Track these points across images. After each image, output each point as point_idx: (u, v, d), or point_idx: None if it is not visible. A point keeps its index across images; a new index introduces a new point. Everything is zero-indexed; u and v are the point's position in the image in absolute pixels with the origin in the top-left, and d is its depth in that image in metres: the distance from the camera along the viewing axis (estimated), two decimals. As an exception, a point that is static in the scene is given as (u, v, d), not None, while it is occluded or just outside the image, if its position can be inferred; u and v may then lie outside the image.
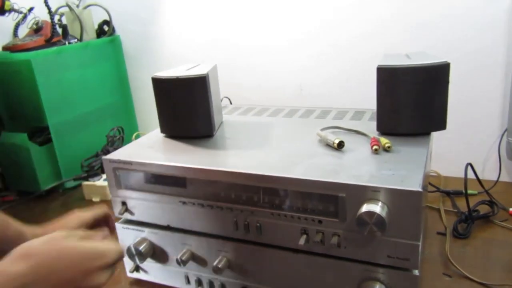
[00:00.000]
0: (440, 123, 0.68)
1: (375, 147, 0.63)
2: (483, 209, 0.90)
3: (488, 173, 1.06)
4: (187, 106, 0.74)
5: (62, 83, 1.17)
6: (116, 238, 0.75)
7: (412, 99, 0.67)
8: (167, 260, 0.73)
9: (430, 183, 1.00)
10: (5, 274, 0.46)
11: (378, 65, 0.68)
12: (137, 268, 0.77)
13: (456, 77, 0.67)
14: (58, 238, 0.52)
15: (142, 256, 0.72)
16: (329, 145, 0.67)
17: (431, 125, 0.68)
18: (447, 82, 0.67)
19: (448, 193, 0.99)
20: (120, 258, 0.56)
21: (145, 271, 0.77)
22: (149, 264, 0.75)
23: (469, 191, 0.87)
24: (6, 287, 0.45)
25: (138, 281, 0.79)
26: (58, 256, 0.50)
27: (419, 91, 0.66)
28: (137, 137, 1.21)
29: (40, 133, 1.17)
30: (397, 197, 0.52)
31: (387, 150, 0.63)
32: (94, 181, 1.12)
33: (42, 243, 0.51)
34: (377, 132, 0.71)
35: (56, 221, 0.67)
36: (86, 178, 1.13)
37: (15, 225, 0.72)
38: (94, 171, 1.14)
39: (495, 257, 0.77)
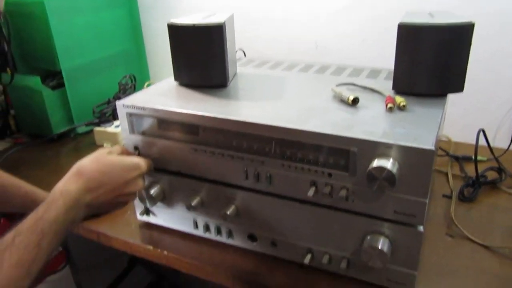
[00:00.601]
0: (458, 85, 0.67)
1: (389, 105, 0.63)
2: (491, 175, 0.90)
3: (499, 141, 1.05)
4: (202, 55, 0.74)
5: (75, 27, 1.16)
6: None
7: (431, 59, 0.66)
8: (176, 205, 0.75)
9: (440, 148, 1.00)
10: (65, 193, 0.58)
11: (400, 22, 0.67)
12: (147, 212, 0.80)
13: (476, 39, 0.65)
14: (103, 155, 0.64)
15: (153, 200, 0.73)
16: (343, 101, 0.67)
17: (448, 87, 0.68)
18: (470, 43, 0.65)
19: (457, 158, 0.99)
20: (150, 168, 0.70)
21: (154, 215, 0.79)
22: (159, 208, 0.78)
23: (479, 157, 0.87)
24: (67, 204, 0.57)
25: (148, 224, 0.81)
26: (104, 171, 0.62)
27: (440, 51, 0.65)
28: (149, 86, 1.21)
29: (53, 77, 1.17)
30: (409, 155, 0.53)
31: (401, 109, 0.63)
32: (105, 127, 1.13)
33: (90, 161, 0.63)
34: (392, 91, 0.70)
35: None
36: (98, 124, 1.14)
37: (25, 186, 0.78)
38: (106, 117, 1.15)
39: (498, 221, 0.79)
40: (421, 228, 0.57)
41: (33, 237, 0.53)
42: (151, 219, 0.80)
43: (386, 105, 0.63)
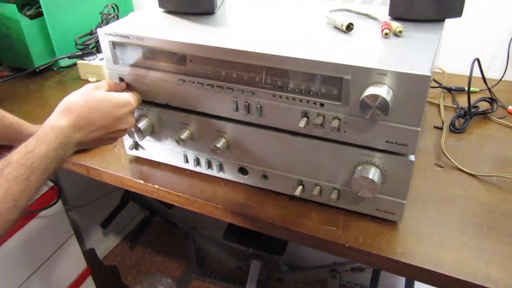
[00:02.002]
0: (457, 9, 0.64)
1: (385, 31, 0.60)
2: (483, 106, 0.90)
3: (493, 72, 1.04)
4: (187, -22, 0.69)
5: (50, -50, 1.07)
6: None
7: (431, -20, 0.62)
8: (166, 138, 0.74)
9: (433, 80, 0.99)
10: (55, 129, 0.56)
11: None
12: (136, 146, 0.78)
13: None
14: (90, 90, 0.62)
15: (141, 133, 0.72)
16: (337, 28, 0.64)
17: (446, 11, 0.65)
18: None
19: (449, 90, 0.98)
20: (139, 103, 0.69)
21: (144, 149, 0.78)
22: (148, 142, 0.76)
23: (472, 89, 0.86)
24: (57, 139, 0.56)
25: (138, 159, 0.81)
26: (94, 107, 0.60)
27: (440, -29, 0.61)
28: (133, 16, 1.15)
29: (30, 6, 1.10)
30: (404, 81, 0.51)
31: (397, 35, 0.60)
32: (89, 60, 1.09)
33: (79, 97, 0.60)
34: (389, 17, 0.67)
35: None
36: (81, 56, 1.10)
37: (9, 117, 0.76)
38: (89, 49, 1.10)
39: (487, 151, 0.79)
40: (412, 157, 0.57)
41: (23, 170, 0.52)
42: (141, 153, 0.79)
43: (382, 31, 0.60)
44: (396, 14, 0.66)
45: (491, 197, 0.68)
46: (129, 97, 0.65)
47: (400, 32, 0.60)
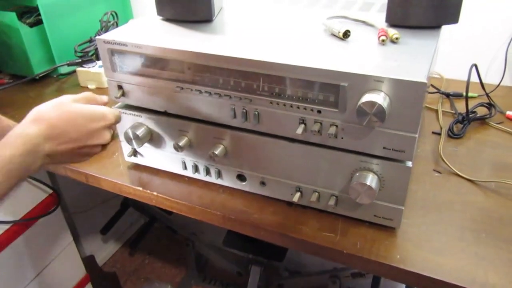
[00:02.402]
0: (453, 16, 0.65)
1: (382, 38, 0.60)
2: (481, 111, 0.90)
3: (491, 77, 1.04)
4: (185, -14, 0.69)
5: (50, -42, 1.08)
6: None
7: (427, -13, 0.62)
8: (164, 145, 0.74)
9: (431, 85, 0.99)
10: (24, 135, 0.53)
11: None
12: (135, 153, 0.79)
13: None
14: (66, 102, 0.59)
15: (140, 140, 0.72)
16: (334, 35, 0.64)
17: (443, 18, 0.65)
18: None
19: (448, 95, 0.98)
20: (118, 120, 0.64)
21: (142, 156, 0.78)
22: (147, 149, 0.77)
23: (470, 94, 0.86)
24: (24, 146, 0.53)
25: (137, 166, 0.81)
26: (67, 118, 0.57)
27: (436, -21, 0.62)
28: (132, 23, 1.15)
29: (30, 14, 1.11)
30: (400, 88, 0.51)
31: (394, 41, 0.61)
32: (88, 67, 1.09)
33: (52, 106, 0.58)
34: (386, 24, 0.67)
35: None
36: (81, 64, 1.10)
37: (6, 120, 0.73)
38: (89, 57, 1.11)
39: (485, 157, 0.79)
40: (409, 163, 0.57)
41: None
42: (139, 160, 0.79)
43: (379, 38, 0.61)
44: (393, 21, 0.67)
45: (489, 202, 0.68)
46: (105, 111, 0.61)
47: (396, 39, 0.60)
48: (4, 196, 0.52)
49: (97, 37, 0.67)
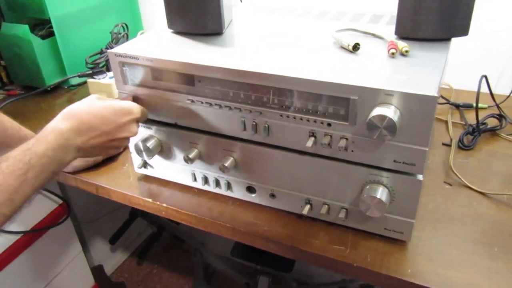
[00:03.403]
0: (463, 29, 0.65)
1: (392, 50, 0.60)
2: (492, 122, 0.89)
3: (501, 88, 1.03)
4: (196, 0, 0.70)
5: (62, -28, 1.10)
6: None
7: (437, 1, 0.62)
8: (174, 157, 0.75)
9: (441, 96, 0.98)
10: (56, 130, 0.57)
11: (404, -38, 0.63)
12: (145, 164, 0.79)
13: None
14: (93, 100, 0.63)
15: (150, 152, 0.73)
16: (343, 48, 0.64)
17: (453, 30, 0.65)
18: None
19: (457, 106, 0.98)
20: (144, 116, 0.68)
21: (152, 168, 0.79)
22: (157, 160, 0.77)
23: (480, 105, 0.85)
24: (57, 140, 0.56)
25: (147, 177, 0.81)
26: (95, 114, 0.60)
27: (445, -8, 0.62)
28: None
29: (42, 26, 1.13)
30: (410, 102, 0.51)
31: (404, 54, 0.61)
32: (99, 79, 1.10)
33: (80, 104, 0.61)
34: (395, 36, 0.68)
35: None
36: (91, 75, 1.11)
37: (25, 130, 0.78)
38: (99, 68, 1.12)
39: (496, 168, 0.78)
40: (420, 177, 0.57)
41: (20, 165, 0.53)
42: (149, 171, 0.80)
43: (388, 51, 0.61)
44: (403, 33, 0.67)
45: (501, 216, 0.68)
46: (131, 106, 0.65)
47: (406, 51, 0.60)
48: (40, 188, 0.56)
49: (109, 50, 0.68)
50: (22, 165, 0.53)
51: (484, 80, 0.86)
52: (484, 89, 0.87)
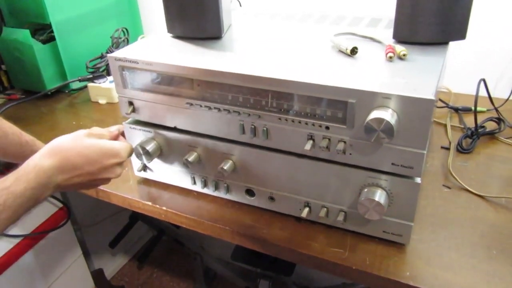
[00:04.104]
0: (460, 33, 0.65)
1: (389, 54, 0.61)
2: (490, 126, 0.89)
3: (500, 91, 1.04)
4: (195, 5, 0.70)
5: (63, -23, 1.11)
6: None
7: (434, 5, 0.63)
8: (174, 160, 0.75)
9: (439, 99, 0.99)
10: (38, 168, 0.55)
11: (402, -34, 0.63)
12: (144, 168, 0.79)
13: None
14: (81, 137, 0.60)
15: (149, 155, 0.73)
16: (342, 51, 0.65)
17: (450, 34, 0.65)
18: (474, -13, 0.62)
19: (456, 109, 0.98)
20: (130, 155, 0.66)
21: (152, 171, 0.79)
22: (156, 164, 0.77)
23: (478, 108, 0.86)
24: (37, 179, 0.54)
25: (146, 180, 0.81)
26: (80, 153, 0.58)
27: (443, -4, 0.62)
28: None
29: (43, 31, 1.14)
30: (408, 105, 0.52)
31: (402, 58, 0.61)
32: (99, 83, 1.11)
33: (67, 140, 0.59)
34: (393, 40, 0.68)
35: None
36: (92, 79, 1.12)
37: (26, 135, 0.77)
38: (100, 72, 1.12)
39: (495, 172, 0.79)
40: (418, 179, 0.57)
41: None
42: (149, 175, 0.80)
43: (386, 55, 0.61)
44: (400, 37, 0.67)
45: (500, 219, 0.68)
46: (119, 148, 0.63)
47: (404, 55, 0.61)
48: (10, 225, 0.53)
49: (109, 54, 0.69)
50: None
51: (482, 83, 0.86)
52: (483, 92, 0.88)
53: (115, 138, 0.69)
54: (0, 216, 0.51)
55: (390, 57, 0.61)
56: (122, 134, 0.72)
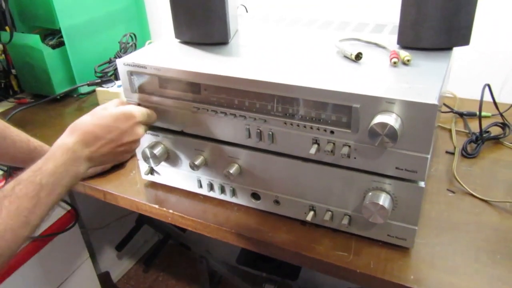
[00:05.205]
0: (464, 38, 0.66)
1: (394, 60, 0.62)
2: (495, 131, 0.90)
3: (504, 96, 1.04)
4: (202, 11, 0.72)
5: (72, -16, 1.13)
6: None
7: (438, 10, 0.63)
8: (181, 164, 0.76)
9: (444, 104, 0.99)
10: (63, 146, 0.60)
11: (406, -27, 0.64)
12: (151, 171, 0.80)
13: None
14: (97, 110, 0.65)
15: (157, 159, 0.74)
16: (346, 57, 0.66)
17: (454, 40, 0.66)
18: (478, -6, 0.63)
19: (461, 114, 0.98)
20: (150, 117, 0.69)
21: (159, 174, 0.80)
22: (163, 167, 0.78)
23: (483, 113, 0.86)
24: (64, 155, 0.59)
25: (153, 183, 0.83)
26: (98, 124, 0.63)
27: (447, 1, 0.63)
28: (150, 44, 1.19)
29: (53, 36, 1.15)
30: (412, 110, 0.52)
31: (406, 63, 0.62)
32: (107, 87, 1.12)
33: (85, 117, 0.64)
34: (397, 46, 0.69)
35: None
36: (100, 84, 1.13)
37: (34, 141, 0.80)
38: (108, 77, 1.14)
39: (500, 176, 0.79)
40: (422, 184, 0.58)
41: (32, 187, 0.54)
42: (156, 178, 0.81)
43: (391, 60, 0.62)
44: (405, 43, 0.68)
45: (504, 223, 0.68)
46: (131, 110, 0.66)
47: (408, 60, 0.62)
48: (56, 203, 0.58)
49: (117, 59, 0.70)
50: (34, 186, 0.54)
51: (487, 88, 0.87)
52: (488, 97, 0.88)
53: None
54: (40, 193, 0.55)
55: (395, 63, 0.61)
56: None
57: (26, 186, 0.54)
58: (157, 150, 0.74)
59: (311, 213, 0.67)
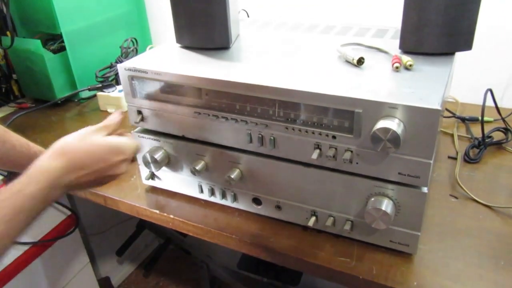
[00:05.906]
0: (467, 43, 0.65)
1: (396, 64, 0.61)
2: (497, 136, 0.89)
3: (507, 102, 1.04)
4: (203, 15, 0.72)
5: (73, -12, 1.13)
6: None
7: (440, 15, 0.63)
8: (181, 169, 0.76)
9: (446, 109, 0.99)
10: (45, 170, 0.55)
11: (408, -22, 0.64)
12: (152, 176, 0.80)
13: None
14: (88, 133, 0.61)
15: (157, 164, 0.74)
16: (348, 62, 0.66)
17: (457, 45, 0.66)
18: (480, -1, 0.63)
19: (463, 119, 0.98)
20: (137, 153, 0.66)
21: (160, 179, 0.80)
22: (164, 172, 0.78)
23: (485, 118, 0.86)
24: (47, 180, 0.54)
25: (154, 189, 0.82)
26: (87, 151, 0.59)
27: (449, 6, 0.63)
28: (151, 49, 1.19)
29: (54, 41, 1.16)
30: (414, 115, 0.52)
31: (408, 68, 0.62)
32: (108, 92, 1.12)
33: (75, 139, 0.60)
34: (399, 51, 0.69)
35: None
36: (101, 88, 1.13)
37: (34, 146, 0.78)
38: (109, 82, 1.14)
39: (502, 182, 0.78)
40: (425, 189, 0.57)
41: (8, 210, 0.51)
42: (157, 183, 0.81)
43: (393, 65, 0.62)
44: (407, 47, 0.68)
45: (507, 229, 0.67)
46: (124, 146, 0.63)
47: (410, 65, 0.61)
48: (27, 227, 0.54)
49: (119, 64, 0.70)
50: (11, 210, 0.51)
51: (489, 93, 0.86)
52: (490, 102, 0.88)
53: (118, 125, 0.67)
54: (16, 217, 0.51)
55: (397, 68, 0.61)
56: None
57: (2, 209, 0.51)
58: (158, 155, 0.73)
59: (313, 218, 0.67)
